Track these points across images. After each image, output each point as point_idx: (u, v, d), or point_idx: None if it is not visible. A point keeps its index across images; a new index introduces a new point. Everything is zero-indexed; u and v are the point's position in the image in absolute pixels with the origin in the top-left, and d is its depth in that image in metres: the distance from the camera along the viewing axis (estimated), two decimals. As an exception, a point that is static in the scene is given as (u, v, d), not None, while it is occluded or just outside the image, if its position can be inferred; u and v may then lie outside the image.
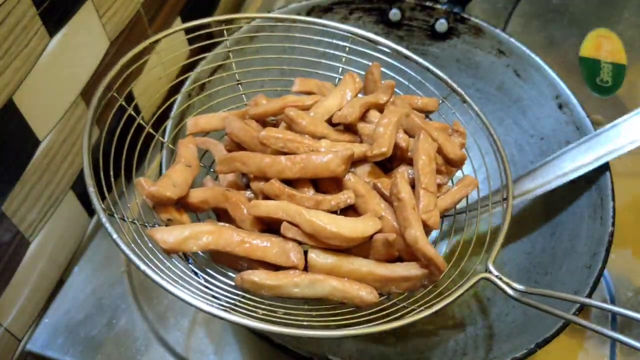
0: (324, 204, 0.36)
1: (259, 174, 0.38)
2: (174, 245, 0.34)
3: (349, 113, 0.40)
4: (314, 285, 0.34)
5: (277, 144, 0.38)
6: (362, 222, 0.36)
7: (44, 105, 0.47)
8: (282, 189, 0.37)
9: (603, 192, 0.47)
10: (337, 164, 0.36)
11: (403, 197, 0.36)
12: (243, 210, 0.37)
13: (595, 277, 0.43)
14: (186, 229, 0.35)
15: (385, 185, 0.38)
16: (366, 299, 0.35)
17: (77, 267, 0.54)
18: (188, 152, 0.41)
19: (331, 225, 0.34)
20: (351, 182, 0.38)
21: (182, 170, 0.39)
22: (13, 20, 0.41)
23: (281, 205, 0.36)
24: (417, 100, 0.46)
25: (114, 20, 0.53)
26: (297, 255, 0.35)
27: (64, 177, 0.52)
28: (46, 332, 0.51)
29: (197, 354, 0.50)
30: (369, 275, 0.35)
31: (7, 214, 0.46)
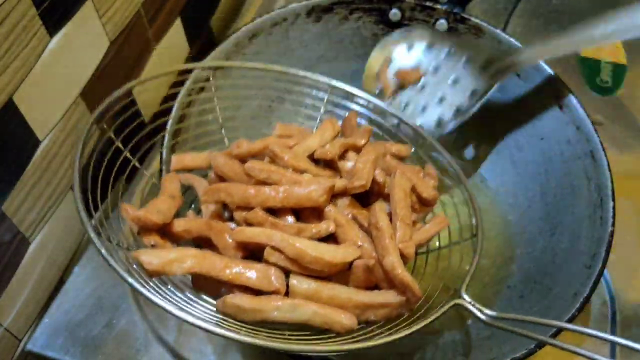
0: (306, 232, 0.38)
1: (243, 203, 0.39)
2: (159, 267, 0.35)
3: (330, 150, 0.43)
4: (295, 310, 0.35)
5: (261, 175, 0.40)
6: (343, 249, 0.37)
7: (44, 105, 0.47)
8: (266, 217, 0.38)
9: (603, 192, 0.47)
10: (320, 194, 0.38)
11: (381, 227, 0.38)
12: (226, 238, 0.38)
13: (595, 277, 0.43)
14: (171, 252, 0.36)
15: (364, 217, 0.40)
16: (346, 324, 0.35)
17: (77, 267, 0.54)
18: (172, 186, 0.43)
19: (313, 250, 0.36)
20: (331, 212, 0.40)
21: (167, 200, 0.40)
22: (13, 20, 0.41)
23: (265, 231, 0.37)
24: (392, 146, 0.49)
25: (114, 20, 0.53)
26: (279, 280, 0.36)
27: (64, 177, 0.52)
28: (46, 332, 0.51)
29: (197, 354, 0.50)
30: (349, 301, 0.36)
31: (7, 214, 0.46)
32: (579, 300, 0.42)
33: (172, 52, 0.64)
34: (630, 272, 0.55)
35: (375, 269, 0.37)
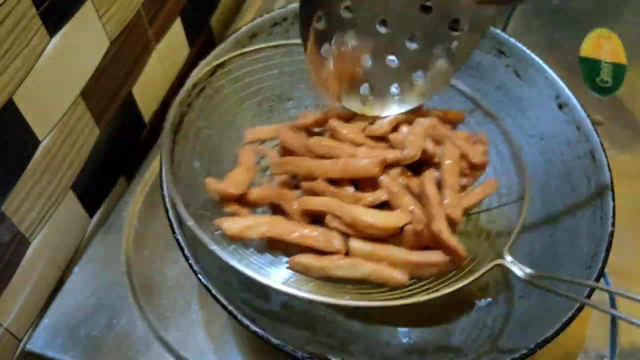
0: (362, 200, 0.43)
1: (307, 174, 0.45)
2: (238, 233, 0.41)
3: (379, 128, 0.47)
4: (354, 268, 0.41)
5: (322, 150, 0.45)
6: (394, 215, 0.42)
7: (44, 105, 0.47)
8: (327, 187, 0.43)
9: (603, 192, 0.47)
10: (373, 166, 0.43)
11: (430, 195, 0.42)
12: (294, 204, 0.44)
13: (595, 277, 0.43)
14: (248, 219, 0.42)
15: (415, 185, 0.44)
16: (398, 280, 0.41)
17: (77, 267, 0.54)
18: (246, 158, 0.49)
19: (367, 217, 0.41)
20: (385, 182, 0.44)
21: (242, 172, 0.47)
22: (13, 20, 0.41)
23: (326, 201, 0.43)
24: (445, 113, 0.51)
25: (114, 20, 0.53)
26: (339, 242, 0.41)
27: (64, 177, 0.52)
28: (46, 332, 0.51)
29: (197, 354, 0.50)
30: (401, 260, 0.42)
31: (7, 214, 0.46)
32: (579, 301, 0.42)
33: (172, 52, 0.64)
34: (630, 272, 0.55)
35: (424, 233, 0.42)
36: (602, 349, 0.51)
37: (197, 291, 0.53)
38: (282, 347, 0.40)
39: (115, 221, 0.57)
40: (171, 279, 0.54)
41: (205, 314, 0.52)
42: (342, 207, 0.42)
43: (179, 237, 0.44)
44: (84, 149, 0.54)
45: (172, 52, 0.65)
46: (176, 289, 0.53)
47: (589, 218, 0.48)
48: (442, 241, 0.41)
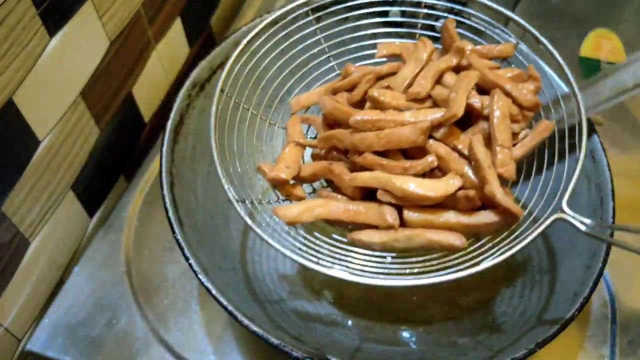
0: (411, 170, 0.42)
1: (352, 148, 0.44)
2: (294, 218, 0.42)
3: (421, 88, 0.45)
4: (412, 239, 0.41)
5: (366, 126, 0.44)
6: (445, 182, 0.41)
7: (44, 105, 0.47)
8: (374, 160, 0.43)
9: (603, 192, 0.47)
10: (417, 135, 0.42)
11: (479, 158, 0.41)
12: (346, 179, 0.43)
13: (595, 277, 0.43)
14: (302, 205, 0.43)
15: (464, 145, 0.43)
16: (457, 245, 0.40)
17: (77, 267, 0.54)
18: (295, 130, 0.49)
19: (417, 188, 0.41)
20: (433, 147, 0.43)
21: (293, 150, 0.47)
22: (13, 20, 0.41)
23: (374, 176, 0.42)
24: (494, 49, 0.49)
25: (114, 20, 0.53)
26: (392, 216, 0.41)
27: (64, 177, 0.52)
28: (46, 332, 0.51)
29: (197, 354, 0.50)
30: (457, 225, 0.41)
31: (7, 214, 0.46)
32: (579, 300, 0.42)
33: (172, 52, 0.64)
34: (630, 272, 0.55)
35: (477, 196, 0.41)
36: (602, 349, 0.51)
37: (197, 291, 0.53)
38: (281, 347, 0.40)
39: (115, 221, 0.57)
40: (171, 279, 0.54)
41: (205, 314, 0.52)
42: (391, 181, 0.41)
43: (179, 237, 0.44)
44: (84, 148, 0.54)
45: (172, 52, 0.65)
46: (176, 289, 0.53)
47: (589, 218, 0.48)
48: (496, 203, 0.40)
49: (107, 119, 0.56)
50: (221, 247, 0.50)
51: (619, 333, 0.51)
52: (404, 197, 0.41)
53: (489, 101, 0.44)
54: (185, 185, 0.49)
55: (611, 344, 0.51)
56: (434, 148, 0.43)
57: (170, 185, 0.47)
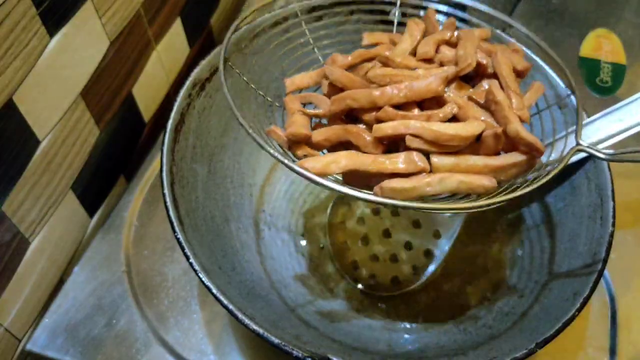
0: (434, 117, 0.43)
1: (370, 105, 0.43)
2: (322, 169, 0.41)
3: (427, 49, 0.47)
4: (443, 182, 0.41)
5: (384, 80, 0.44)
6: (472, 123, 0.43)
7: (44, 105, 0.47)
8: (395, 112, 0.43)
9: (603, 192, 0.47)
10: (438, 84, 0.43)
11: (499, 100, 0.43)
12: (365, 137, 0.43)
13: (595, 277, 0.43)
14: (328, 156, 0.42)
15: (478, 96, 0.45)
16: (488, 186, 0.41)
17: (77, 267, 0.54)
18: (296, 104, 0.47)
19: (449, 129, 0.41)
20: (450, 97, 0.44)
21: (301, 116, 0.46)
22: (13, 20, 0.41)
23: (403, 122, 0.42)
24: (475, 31, 0.51)
25: (114, 20, 0.53)
26: (422, 161, 0.41)
27: (64, 177, 0.52)
28: (46, 332, 0.51)
29: (197, 354, 0.50)
30: (485, 167, 0.42)
31: (7, 214, 0.46)
32: (579, 300, 0.42)
33: (172, 52, 0.65)
34: (630, 272, 0.55)
35: (501, 137, 0.42)
36: (602, 349, 0.51)
37: (197, 291, 0.53)
38: (282, 346, 0.40)
39: (115, 221, 0.57)
40: (171, 279, 0.54)
41: (205, 314, 0.52)
42: (421, 125, 0.41)
43: (179, 236, 0.44)
44: (84, 149, 0.54)
45: (172, 52, 0.65)
46: (176, 289, 0.53)
47: (589, 218, 0.48)
48: (521, 140, 0.42)
49: (107, 119, 0.56)
50: (221, 246, 0.50)
51: (619, 333, 0.52)
52: (435, 139, 0.41)
53: (493, 58, 0.47)
54: (186, 185, 0.49)
55: (611, 344, 0.51)
56: (452, 98, 0.44)
57: (171, 185, 0.47)
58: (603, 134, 0.48)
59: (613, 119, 0.49)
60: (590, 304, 0.53)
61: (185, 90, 0.51)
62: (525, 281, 0.50)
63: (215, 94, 0.54)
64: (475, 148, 0.43)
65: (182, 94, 0.51)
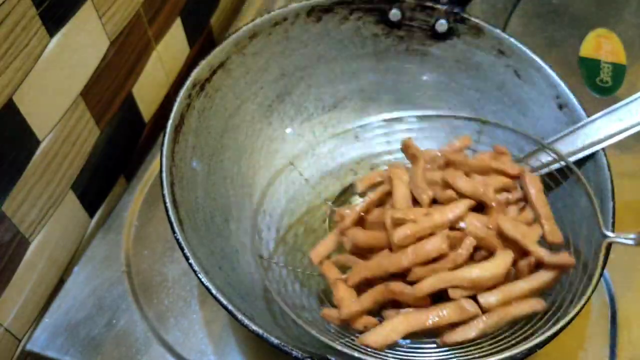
0: (459, 258, 0.44)
1: (382, 273, 0.45)
2: (384, 341, 0.43)
3: (426, 195, 0.47)
4: (501, 321, 0.43)
5: (408, 241, 0.45)
6: (501, 258, 0.44)
7: (44, 105, 0.47)
8: (423, 271, 0.44)
9: (603, 192, 0.47)
10: (440, 243, 0.44)
11: (512, 235, 0.44)
12: (408, 293, 0.44)
13: (595, 277, 0.43)
14: (385, 326, 0.44)
15: (492, 222, 0.46)
16: (540, 308, 0.43)
17: (77, 267, 0.54)
18: (333, 272, 0.48)
19: (485, 272, 0.43)
20: (470, 228, 0.45)
21: (343, 287, 0.47)
22: (13, 20, 0.41)
23: (440, 277, 0.43)
24: (453, 144, 0.51)
25: (114, 21, 0.53)
26: (472, 307, 0.43)
27: (64, 177, 0.52)
28: (46, 332, 0.51)
29: (197, 354, 0.50)
30: (530, 290, 0.44)
31: (7, 214, 0.46)
32: (579, 300, 0.42)
33: (172, 52, 0.65)
34: (630, 272, 0.55)
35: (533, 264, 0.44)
36: (602, 349, 0.51)
37: (197, 291, 0.53)
38: (281, 346, 0.40)
39: (115, 221, 0.57)
40: (171, 279, 0.54)
41: (205, 314, 0.52)
42: (458, 276, 0.43)
43: (179, 237, 0.44)
44: (84, 149, 0.54)
45: (172, 52, 0.65)
46: (176, 289, 0.53)
47: (589, 218, 0.48)
48: (548, 264, 0.44)
49: (107, 119, 0.56)
50: (221, 247, 0.50)
51: (619, 333, 0.51)
52: (475, 285, 0.43)
53: (523, 182, 0.48)
54: (186, 185, 0.49)
55: (611, 344, 0.51)
56: (471, 229, 0.45)
57: (171, 185, 0.47)
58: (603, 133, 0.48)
59: (613, 118, 0.49)
60: (590, 304, 0.53)
61: (185, 91, 0.51)
62: (525, 281, 0.50)
63: (215, 94, 0.54)
64: (509, 275, 0.45)
65: (182, 94, 0.51)
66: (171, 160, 0.48)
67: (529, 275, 0.45)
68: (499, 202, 0.47)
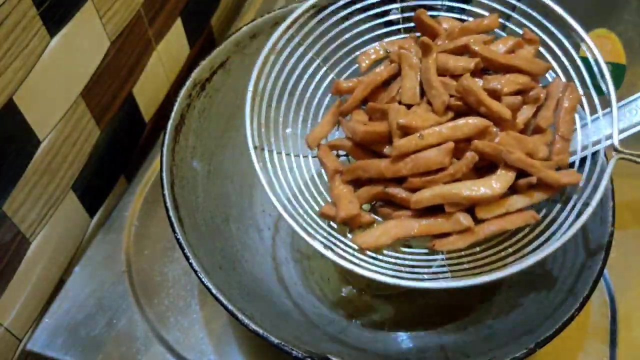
0: (458, 173, 0.42)
1: (379, 176, 0.44)
2: (375, 243, 0.42)
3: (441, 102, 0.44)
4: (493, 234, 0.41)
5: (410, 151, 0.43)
6: (501, 177, 0.42)
7: (44, 105, 0.47)
8: (422, 182, 0.42)
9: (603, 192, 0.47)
10: (443, 157, 0.42)
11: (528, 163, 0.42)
12: (405, 199, 0.43)
13: (595, 277, 0.43)
14: (377, 229, 0.43)
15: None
16: (533, 222, 0.42)
17: (77, 267, 0.54)
18: (330, 160, 0.47)
19: (483, 189, 0.41)
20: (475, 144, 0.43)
21: (341, 185, 0.45)
22: (13, 20, 0.41)
23: (437, 193, 0.42)
24: (481, 23, 0.48)
25: (114, 21, 0.53)
26: (466, 219, 0.41)
27: (64, 177, 0.52)
28: (46, 332, 0.51)
29: (197, 354, 0.50)
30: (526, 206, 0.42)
31: (7, 214, 0.46)
32: (579, 300, 0.42)
33: (172, 52, 0.65)
34: (630, 272, 0.55)
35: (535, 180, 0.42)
36: (602, 348, 0.51)
37: (197, 291, 0.53)
38: (281, 346, 0.40)
39: (115, 221, 0.57)
40: (171, 279, 0.54)
41: (205, 314, 0.52)
42: (456, 193, 0.41)
43: (180, 236, 0.44)
44: (84, 149, 0.54)
45: (173, 52, 0.65)
46: (176, 288, 0.53)
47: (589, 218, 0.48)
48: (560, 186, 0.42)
49: (107, 119, 0.56)
50: (221, 247, 0.50)
51: (619, 333, 0.51)
52: (471, 202, 0.42)
53: (561, 90, 0.46)
54: (186, 185, 0.49)
55: (611, 344, 0.51)
56: (477, 145, 0.43)
57: (171, 185, 0.47)
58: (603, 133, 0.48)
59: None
60: (590, 304, 0.52)
61: (185, 91, 0.51)
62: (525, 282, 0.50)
63: (215, 94, 0.54)
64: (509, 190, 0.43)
65: (182, 94, 0.51)
66: (171, 160, 0.49)
67: (527, 191, 0.43)
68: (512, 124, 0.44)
